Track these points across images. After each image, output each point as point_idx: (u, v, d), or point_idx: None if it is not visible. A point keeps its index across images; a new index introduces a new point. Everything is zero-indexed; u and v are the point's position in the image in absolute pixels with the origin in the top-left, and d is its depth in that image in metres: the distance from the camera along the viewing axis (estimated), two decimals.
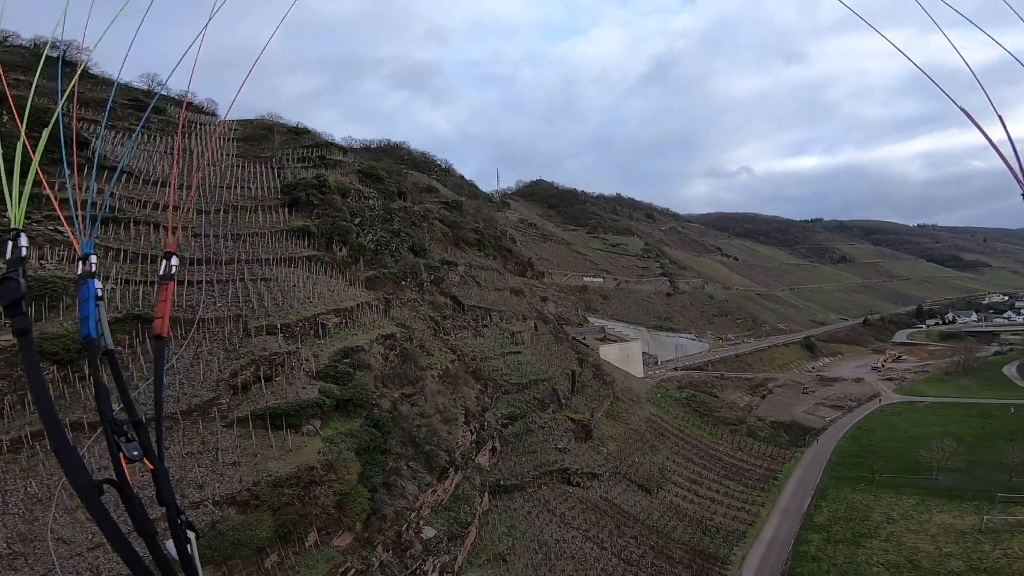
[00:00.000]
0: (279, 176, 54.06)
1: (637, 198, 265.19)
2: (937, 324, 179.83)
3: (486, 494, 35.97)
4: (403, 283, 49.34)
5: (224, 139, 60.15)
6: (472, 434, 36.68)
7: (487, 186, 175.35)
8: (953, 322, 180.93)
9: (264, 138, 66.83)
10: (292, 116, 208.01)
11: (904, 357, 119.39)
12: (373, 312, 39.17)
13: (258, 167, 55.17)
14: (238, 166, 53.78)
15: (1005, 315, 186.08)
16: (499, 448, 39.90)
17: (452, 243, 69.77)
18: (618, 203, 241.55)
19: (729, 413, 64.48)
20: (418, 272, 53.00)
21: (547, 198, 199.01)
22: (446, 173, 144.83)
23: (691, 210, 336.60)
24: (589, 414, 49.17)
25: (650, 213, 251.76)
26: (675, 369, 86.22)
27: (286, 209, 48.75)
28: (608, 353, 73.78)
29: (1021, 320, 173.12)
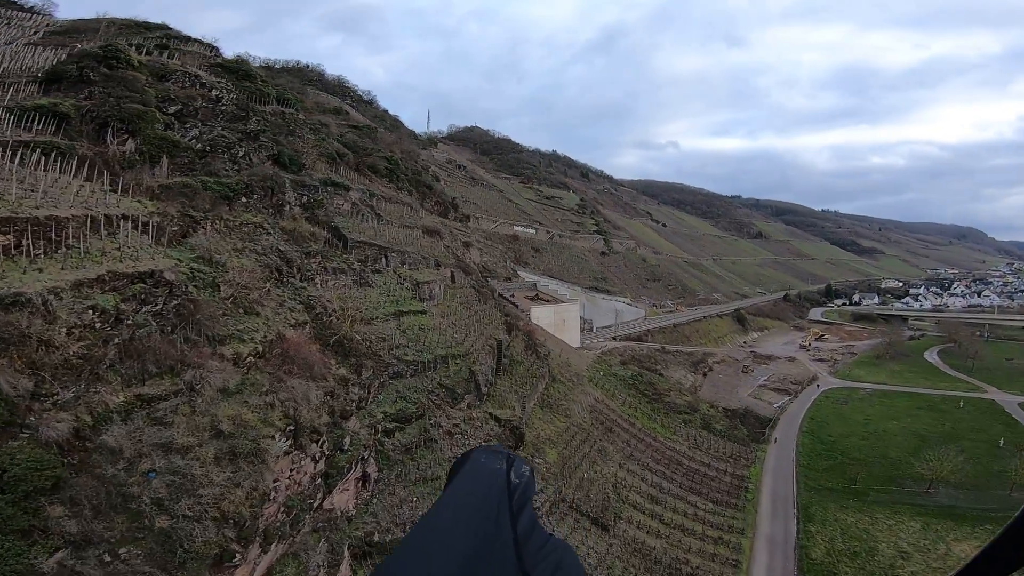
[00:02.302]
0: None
1: (572, 156, 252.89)
2: (845, 304, 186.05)
3: (345, 562, 20.49)
4: (242, 200, 30.74)
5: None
6: (316, 461, 20.52)
7: (418, 130, 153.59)
8: (859, 303, 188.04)
9: (91, 30, 43.42)
10: None
11: (826, 336, 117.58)
12: (141, 235, 20.84)
13: (51, 52, 34.03)
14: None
15: (904, 300, 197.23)
16: (377, 475, 24.16)
17: (352, 168, 51.07)
18: (553, 159, 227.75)
19: (679, 398, 53.25)
20: (278, 188, 34.50)
21: (481, 144, 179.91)
22: (367, 105, 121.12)
23: (621, 175, 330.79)
24: (520, 406, 34.56)
25: (585, 172, 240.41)
26: (614, 338, 74.41)
27: (41, 86, 29.38)
28: (541, 316, 59.61)
29: (919, 306, 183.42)
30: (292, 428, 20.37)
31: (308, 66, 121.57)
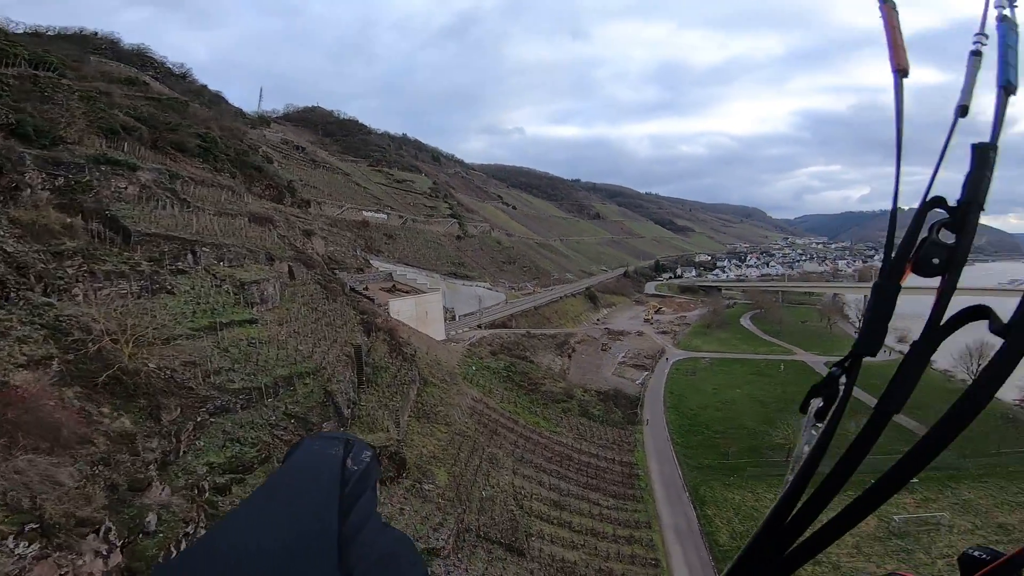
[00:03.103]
0: None
1: (423, 140, 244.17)
2: (671, 278, 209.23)
3: None
4: None
5: None
6: (105, 557, 13.18)
7: (248, 109, 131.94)
8: (681, 276, 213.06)
9: None
10: None
11: (664, 309, 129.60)
12: None
13: None
14: None
15: (714, 272, 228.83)
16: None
17: (148, 145, 39.19)
18: (404, 142, 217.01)
19: (554, 385, 51.97)
20: (10, 167, 23.64)
21: (323, 125, 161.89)
22: (179, 79, 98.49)
23: (472, 160, 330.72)
24: (394, 424, 28.86)
25: (436, 156, 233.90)
26: (479, 326, 71.16)
27: None
28: (402, 310, 53.56)
29: (725, 277, 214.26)
30: (36, 525, 12.74)
31: (96, 34, 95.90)
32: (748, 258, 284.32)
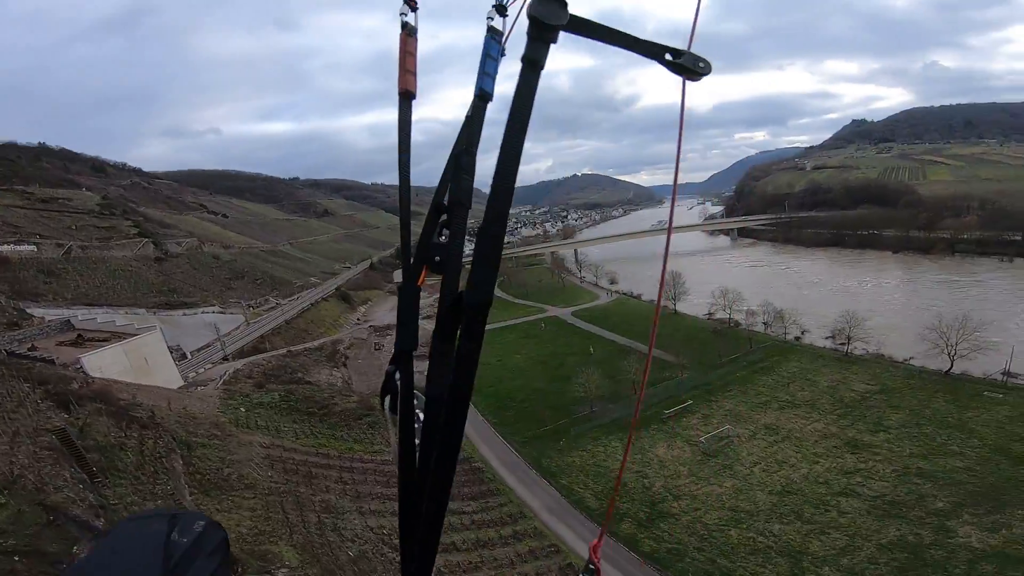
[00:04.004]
0: None
1: (75, 150, 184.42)
2: None
3: None
4: None
5: None
6: None
7: None
8: None
9: None
10: None
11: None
12: None
13: None
14: None
15: None
16: None
17: None
18: (44, 152, 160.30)
19: (345, 402, 45.68)
20: None
21: None
22: None
23: (153, 168, 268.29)
24: (179, 509, 20.00)
25: (98, 166, 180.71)
26: (225, 359, 57.89)
27: None
28: (107, 364, 39.09)
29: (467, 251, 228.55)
30: None
31: None
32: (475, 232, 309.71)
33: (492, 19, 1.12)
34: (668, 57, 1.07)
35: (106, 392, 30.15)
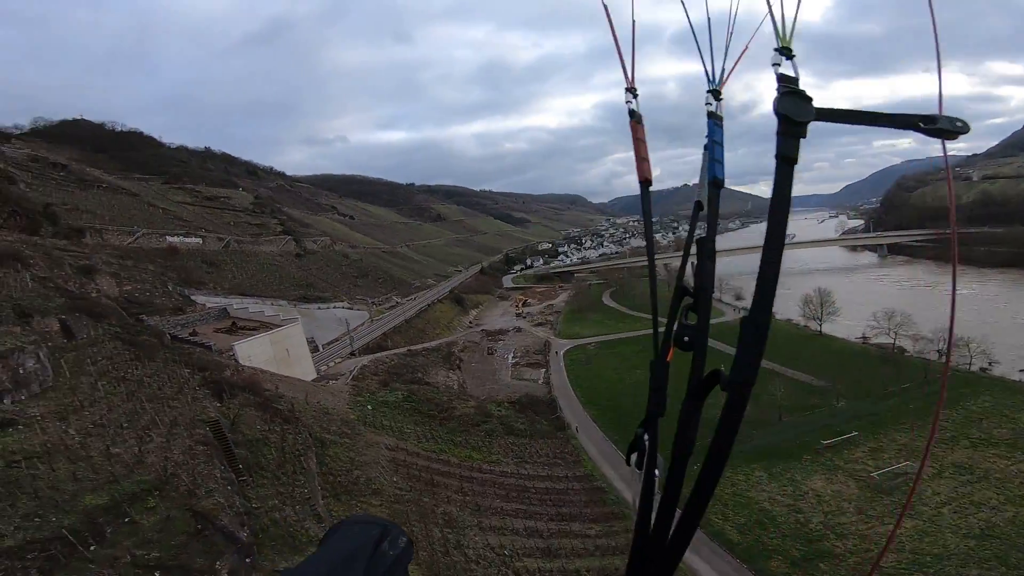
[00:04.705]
0: None
1: (234, 155, 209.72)
2: (523, 269, 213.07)
3: None
4: None
5: None
6: None
7: None
8: (531, 266, 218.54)
9: None
10: None
11: (530, 301, 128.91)
12: None
13: None
14: None
15: (559, 258, 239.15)
16: None
17: None
18: (209, 156, 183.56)
19: (464, 406, 44.29)
20: None
21: (92, 140, 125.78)
22: None
23: (293, 172, 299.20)
24: (315, 521, 18.87)
25: (252, 170, 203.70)
26: (352, 354, 59.78)
27: None
28: (255, 353, 40.98)
29: (569, 261, 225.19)
30: None
31: None
32: (584, 241, 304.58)
33: (710, 104, 1.18)
34: (922, 124, 1.10)
35: (254, 382, 30.76)
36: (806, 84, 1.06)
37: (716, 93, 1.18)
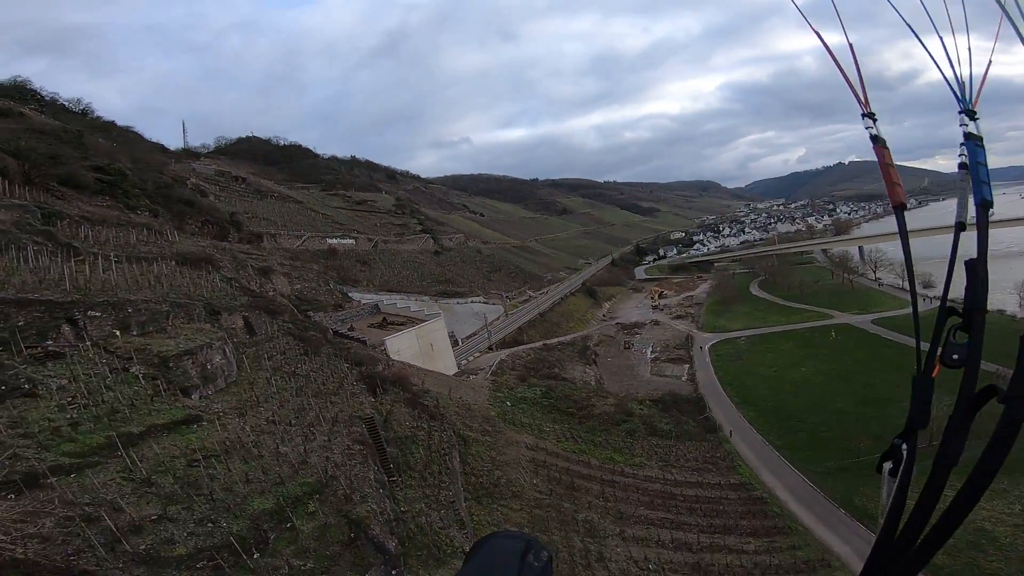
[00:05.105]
0: None
1: (375, 161, 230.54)
2: (655, 260, 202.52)
3: None
4: None
5: None
6: None
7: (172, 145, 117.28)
8: (664, 256, 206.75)
9: None
10: None
11: (666, 292, 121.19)
12: None
13: None
14: None
15: (695, 247, 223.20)
16: None
17: (20, 181, 27.73)
18: (355, 164, 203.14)
19: (602, 404, 41.80)
20: None
21: (264, 154, 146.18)
22: (77, 115, 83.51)
23: (426, 175, 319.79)
24: (459, 527, 18.19)
25: (391, 174, 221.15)
26: (490, 348, 60.48)
27: None
28: (402, 348, 42.65)
29: (707, 250, 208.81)
30: None
31: None
32: (722, 228, 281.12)
33: (966, 125, 1.17)
34: None
35: (403, 377, 31.43)
36: None
37: (971, 113, 1.15)
